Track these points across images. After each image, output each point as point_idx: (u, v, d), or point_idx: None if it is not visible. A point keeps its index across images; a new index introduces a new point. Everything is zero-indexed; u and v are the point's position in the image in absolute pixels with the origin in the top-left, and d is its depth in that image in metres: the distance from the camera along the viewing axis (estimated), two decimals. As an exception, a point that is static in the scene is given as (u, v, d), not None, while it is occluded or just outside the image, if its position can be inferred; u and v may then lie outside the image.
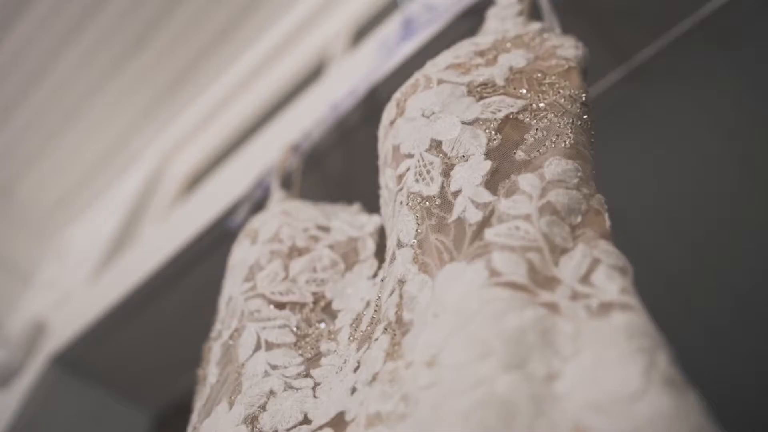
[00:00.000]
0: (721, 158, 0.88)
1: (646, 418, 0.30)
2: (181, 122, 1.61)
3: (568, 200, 0.44)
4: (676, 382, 0.32)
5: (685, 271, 0.99)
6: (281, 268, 0.60)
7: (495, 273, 0.40)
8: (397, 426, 0.38)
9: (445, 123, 0.52)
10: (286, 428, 0.48)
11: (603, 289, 0.38)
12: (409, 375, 0.40)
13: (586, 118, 0.51)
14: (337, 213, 0.68)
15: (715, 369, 1.02)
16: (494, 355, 0.35)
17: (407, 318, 0.44)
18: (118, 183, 1.64)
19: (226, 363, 0.57)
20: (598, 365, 0.34)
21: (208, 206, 1.09)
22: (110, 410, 1.18)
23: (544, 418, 0.32)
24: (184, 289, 1.14)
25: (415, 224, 0.48)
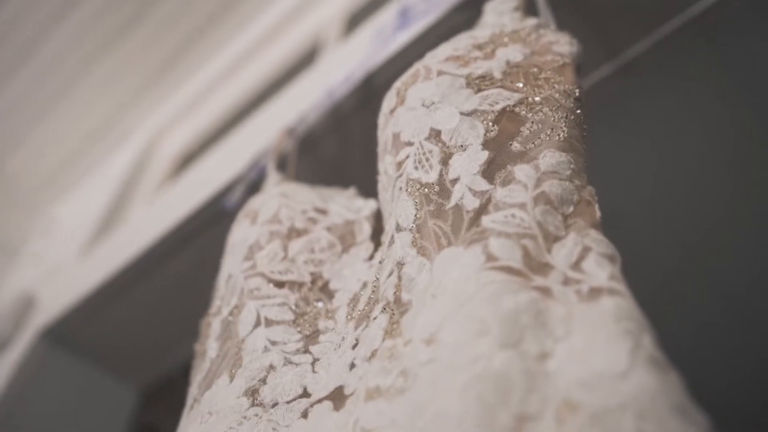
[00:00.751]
0: (708, 154, 0.91)
1: (631, 394, 0.33)
2: (172, 102, 1.61)
3: (562, 191, 0.47)
4: (659, 362, 0.35)
5: (671, 263, 1.01)
6: (280, 249, 0.62)
7: (492, 258, 0.43)
8: (396, 399, 0.41)
9: (444, 113, 0.54)
10: (286, 401, 0.50)
11: (593, 275, 0.41)
12: (408, 352, 0.42)
13: (579, 112, 0.53)
14: (334, 196, 0.70)
15: (702, 367, 1.05)
16: (491, 334, 0.38)
17: (406, 298, 0.47)
18: (108, 161, 1.65)
19: (226, 338, 0.59)
20: (588, 346, 0.36)
21: (202, 186, 1.10)
22: (97, 384, 1.20)
23: (536, 393, 0.35)
24: (173, 268, 1.16)
25: (414, 209, 0.51)
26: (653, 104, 0.87)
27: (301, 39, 1.42)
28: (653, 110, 0.88)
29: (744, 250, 0.99)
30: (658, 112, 0.88)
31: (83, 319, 1.19)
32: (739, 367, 1.09)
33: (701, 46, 0.81)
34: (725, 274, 1.02)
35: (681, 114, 0.88)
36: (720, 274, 1.02)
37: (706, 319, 1.07)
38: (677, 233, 0.99)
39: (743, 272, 1.00)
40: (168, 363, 1.26)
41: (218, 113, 1.51)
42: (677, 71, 0.83)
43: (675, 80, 0.84)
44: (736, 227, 0.97)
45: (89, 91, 1.60)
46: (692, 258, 1.01)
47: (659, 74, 0.83)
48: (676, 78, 0.84)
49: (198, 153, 1.44)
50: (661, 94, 0.86)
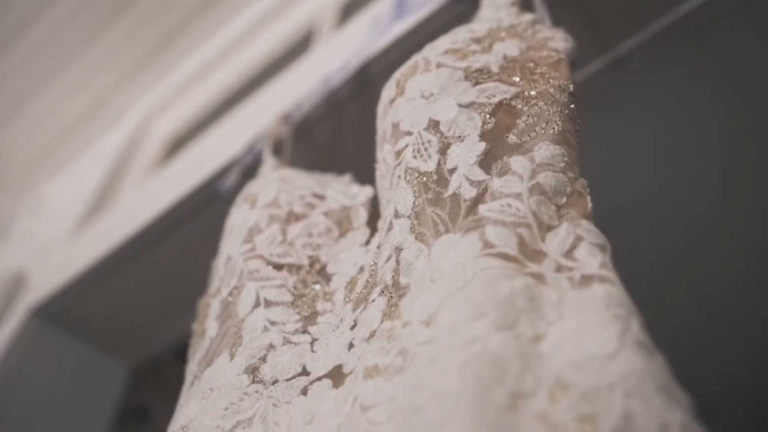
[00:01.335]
0: (695, 151, 0.93)
1: (619, 374, 0.35)
2: (164, 85, 1.62)
3: (555, 182, 0.49)
4: (646, 346, 0.37)
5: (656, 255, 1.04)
6: (279, 232, 0.64)
7: (488, 245, 0.45)
8: (395, 377, 0.43)
9: (443, 105, 0.56)
10: (286, 378, 0.52)
11: (584, 264, 0.43)
12: (407, 333, 0.44)
13: (573, 107, 0.55)
14: (330, 182, 0.72)
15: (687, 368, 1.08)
16: (488, 317, 0.40)
17: (404, 282, 0.49)
18: (99, 141, 1.65)
19: (226, 318, 0.61)
20: (579, 329, 0.38)
21: (195, 169, 1.11)
22: (88, 363, 1.21)
23: (530, 372, 0.37)
24: (164, 250, 1.17)
25: (413, 197, 0.53)
26: (642, 100, 0.89)
27: (296, 25, 1.43)
28: (642, 105, 0.90)
29: (730, 243, 1.01)
30: (646, 108, 0.90)
31: (74, 297, 1.20)
32: (722, 368, 1.12)
33: (690, 43, 0.84)
34: (710, 268, 1.04)
35: (669, 110, 0.91)
36: (705, 268, 1.05)
37: (690, 320, 1.10)
38: (663, 227, 1.01)
39: (728, 266, 1.03)
40: (158, 343, 1.28)
41: (211, 97, 1.52)
42: (667, 68, 0.86)
43: (664, 77, 0.87)
44: (723, 221, 0.99)
45: (82, 70, 1.60)
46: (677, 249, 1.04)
47: (649, 70, 0.86)
48: (666, 74, 0.86)
49: (190, 136, 1.45)
50: (651, 89, 0.88)
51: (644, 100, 0.90)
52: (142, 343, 1.27)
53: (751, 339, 1.12)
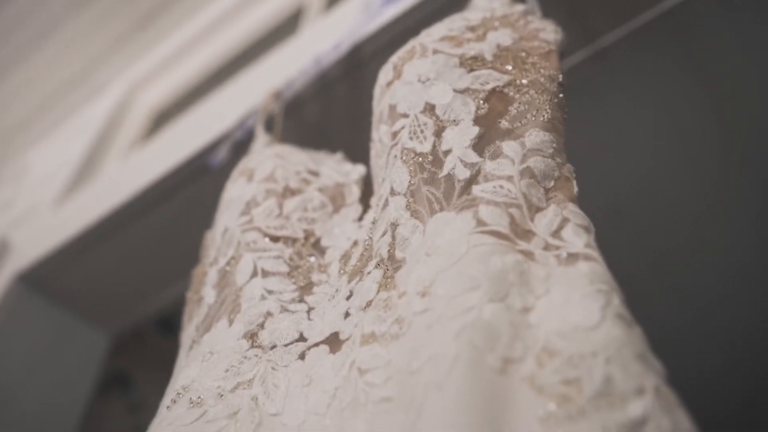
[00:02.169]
0: (673, 144, 0.97)
1: (601, 343, 0.38)
2: (151, 57, 1.62)
3: (544, 167, 0.52)
4: (625, 318, 0.40)
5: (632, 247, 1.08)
6: (276, 206, 0.66)
7: (481, 223, 0.48)
8: (391, 344, 0.46)
9: (438, 89, 0.59)
10: (284, 344, 0.55)
11: (571, 243, 0.46)
12: (403, 303, 0.47)
13: (562, 96, 0.59)
14: (324, 160, 0.74)
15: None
16: (481, 289, 0.43)
17: (399, 256, 0.52)
18: (83, 110, 1.65)
19: (224, 286, 0.63)
20: (565, 302, 0.42)
21: (183, 142, 1.13)
22: (72, 329, 1.23)
23: (520, 340, 0.41)
24: (148, 223, 1.18)
25: (408, 176, 0.55)
26: (623, 91, 0.93)
27: (285, 2, 1.45)
28: (623, 97, 0.94)
29: (711, 234, 1.05)
30: (627, 100, 0.94)
31: (59, 265, 1.21)
32: (701, 369, 1.17)
33: (672, 39, 0.87)
34: (691, 258, 1.08)
35: (649, 103, 0.94)
36: (686, 259, 1.09)
37: (672, 325, 1.14)
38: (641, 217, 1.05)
39: (710, 258, 1.07)
40: (139, 314, 1.30)
41: (197, 72, 1.53)
42: (648, 61, 0.89)
43: (645, 70, 0.90)
44: (703, 212, 1.03)
45: (67, 39, 1.60)
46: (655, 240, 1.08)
47: (631, 63, 0.89)
48: (647, 68, 0.90)
49: (177, 109, 1.46)
50: (632, 82, 0.92)
51: (625, 92, 0.93)
52: (124, 312, 1.29)
53: (732, 339, 1.18)
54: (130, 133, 1.50)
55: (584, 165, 0.58)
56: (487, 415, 0.37)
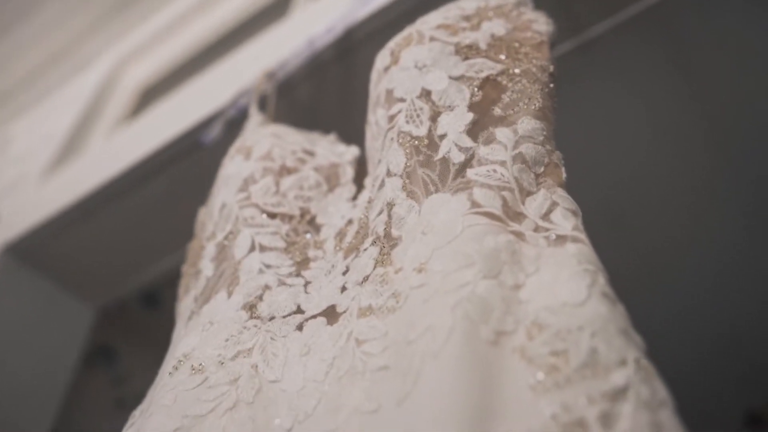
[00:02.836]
0: (653, 136, 1.00)
1: (587, 318, 0.41)
2: (138, 32, 1.62)
3: (535, 153, 0.55)
4: (610, 296, 0.43)
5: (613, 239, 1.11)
6: (273, 184, 0.68)
7: (476, 204, 0.51)
8: (388, 316, 0.49)
9: (435, 76, 0.61)
10: (282, 315, 0.58)
11: (559, 225, 0.49)
12: (399, 278, 0.50)
13: (552, 86, 0.61)
14: (318, 140, 0.76)
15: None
16: (475, 266, 0.46)
17: (396, 234, 0.54)
18: (69, 85, 1.65)
19: (222, 260, 0.65)
20: (554, 280, 0.45)
21: (173, 119, 1.14)
22: (58, 302, 1.24)
23: (511, 315, 0.43)
24: (135, 200, 1.20)
25: (405, 158, 0.58)
26: (607, 83, 0.96)
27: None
28: (606, 88, 0.97)
29: (692, 225, 1.09)
30: (611, 91, 0.97)
31: (46, 238, 1.22)
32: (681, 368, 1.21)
33: (657, 32, 0.90)
34: (671, 247, 1.12)
35: (632, 94, 0.97)
36: (666, 248, 1.12)
37: (656, 327, 1.18)
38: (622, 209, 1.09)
39: (691, 249, 1.11)
40: (125, 288, 1.31)
41: (185, 49, 1.53)
42: (633, 54, 0.92)
43: (630, 62, 0.93)
44: (682, 201, 1.06)
45: (53, 12, 1.59)
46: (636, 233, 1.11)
47: (616, 55, 0.92)
48: (631, 60, 0.93)
49: (164, 87, 1.47)
50: (616, 74, 0.95)
51: (610, 83, 0.96)
52: (110, 286, 1.30)
53: (716, 336, 1.22)
54: (117, 109, 1.51)
55: (566, 154, 0.60)
56: (480, 382, 0.40)
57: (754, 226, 1.10)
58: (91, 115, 1.50)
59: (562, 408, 0.38)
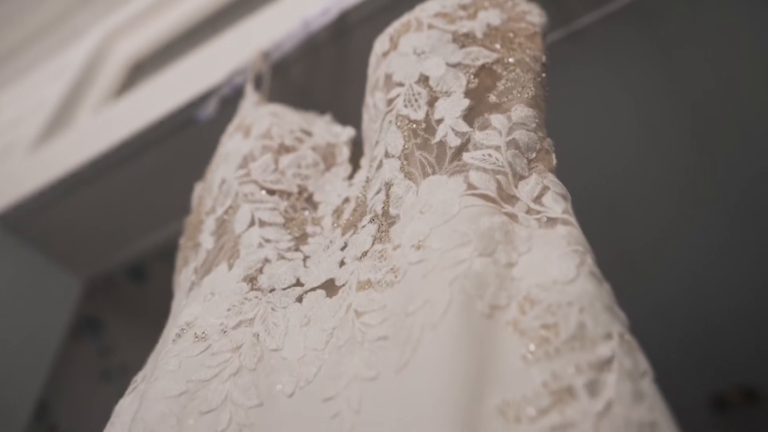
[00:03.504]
0: (635, 125, 1.04)
1: (576, 295, 0.44)
2: (130, 5, 1.62)
3: (528, 139, 0.58)
4: (597, 275, 0.47)
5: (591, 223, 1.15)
6: (272, 161, 0.71)
7: (472, 186, 0.53)
8: (386, 290, 0.51)
9: (433, 62, 0.64)
10: (282, 288, 0.60)
11: (550, 208, 0.52)
12: (398, 254, 0.53)
13: (544, 76, 0.64)
14: (314, 120, 0.78)
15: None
16: (472, 244, 0.48)
17: (394, 213, 0.57)
18: (58, 56, 1.65)
19: (222, 234, 0.68)
20: (545, 259, 0.48)
21: (165, 95, 1.15)
22: (46, 273, 1.25)
23: (505, 290, 0.46)
24: (126, 173, 1.21)
25: (403, 141, 0.61)
26: (594, 73, 0.99)
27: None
28: (593, 79, 1.00)
29: (674, 215, 1.12)
30: (597, 81, 1.00)
31: (34, 210, 1.23)
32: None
33: (645, 25, 0.93)
34: (653, 234, 1.16)
35: (617, 85, 1.00)
36: (648, 234, 1.16)
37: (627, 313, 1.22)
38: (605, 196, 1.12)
39: (670, 243, 1.14)
40: (112, 261, 1.33)
41: (177, 25, 1.54)
42: (620, 45, 0.95)
43: (617, 53, 0.96)
44: (664, 188, 1.10)
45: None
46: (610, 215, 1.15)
47: (604, 46, 0.95)
48: (618, 51, 0.96)
49: (154, 62, 1.48)
50: (603, 64, 0.98)
51: (596, 73, 0.99)
52: (98, 259, 1.31)
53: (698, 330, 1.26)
54: (107, 82, 1.51)
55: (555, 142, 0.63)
56: (477, 352, 0.43)
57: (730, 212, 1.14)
58: (81, 87, 1.50)
59: (552, 376, 0.41)
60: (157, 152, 1.18)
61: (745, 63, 0.95)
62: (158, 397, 0.53)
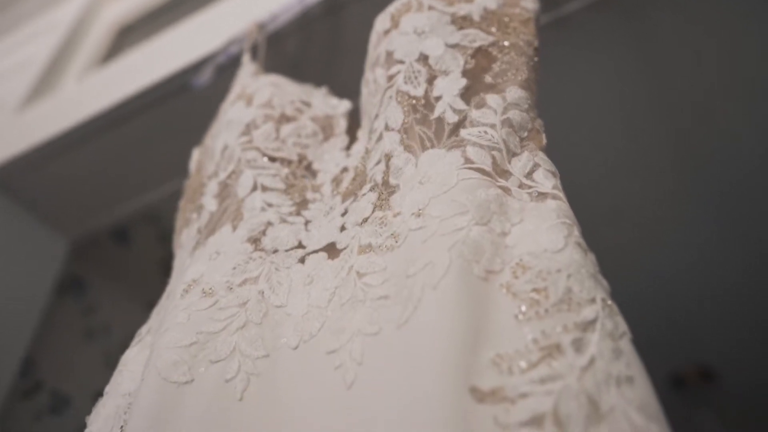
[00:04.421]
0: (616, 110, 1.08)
1: (564, 263, 0.49)
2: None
3: (521, 119, 0.62)
4: (583, 246, 0.51)
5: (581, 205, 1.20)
6: (273, 130, 0.74)
7: (469, 161, 0.57)
8: (387, 254, 0.55)
9: (432, 42, 0.67)
10: (285, 249, 0.64)
11: (541, 184, 0.56)
12: (398, 221, 0.57)
13: (536, 60, 0.68)
14: (312, 92, 0.82)
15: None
16: (469, 214, 0.53)
17: (393, 182, 0.61)
18: (46, 14, 1.64)
19: (225, 197, 0.71)
20: (535, 230, 0.52)
21: (157, 61, 1.17)
22: (33, 232, 1.27)
23: (499, 257, 0.51)
24: (112, 139, 1.23)
25: (402, 115, 0.64)
26: (578, 59, 1.03)
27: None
28: (578, 62, 1.04)
29: (658, 205, 1.17)
30: (579, 67, 1.04)
31: (23, 169, 1.25)
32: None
33: (621, 16, 0.97)
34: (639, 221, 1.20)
35: (597, 69, 1.05)
36: (635, 222, 1.20)
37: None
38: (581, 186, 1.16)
39: (659, 223, 1.19)
40: (97, 223, 1.35)
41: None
42: (600, 35, 0.99)
43: (597, 43, 1.00)
44: (648, 173, 1.15)
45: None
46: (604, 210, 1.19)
47: (587, 33, 0.99)
48: (599, 41, 1.00)
49: (143, 26, 1.49)
50: (586, 51, 1.02)
51: (578, 59, 1.03)
52: (83, 220, 1.33)
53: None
54: (94, 46, 1.52)
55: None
56: (473, 310, 0.47)
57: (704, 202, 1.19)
58: (68, 49, 1.50)
59: (541, 334, 0.45)
60: (142, 119, 1.21)
61: (726, 55, 1.00)
62: (170, 346, 0.56)
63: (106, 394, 0.61)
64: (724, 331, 1.73)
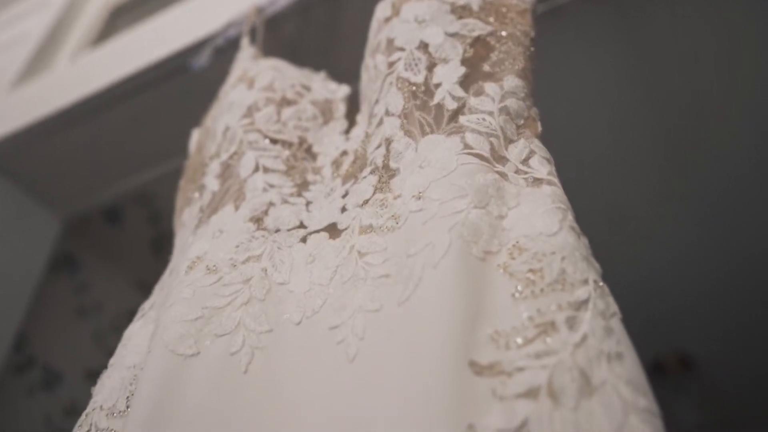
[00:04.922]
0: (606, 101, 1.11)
1: (559, 245, 0.51)
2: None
3: (517, 107, 0.64)
4: (576, 230, 0.53)
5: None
6: (275, 113, 0.76)
7: (467, 146, 0.60)
8: (387, 235, 0.57)
9: (432, 30, 0.69)
10: (287, 229, 0.66)
11: (536, 170, 0.59)
12: (398, 203, 0.59)
13: (533, 50, 0.70)
14: (312, 77, 0.83)
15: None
16: (468, 197, 0.55)
17: (394, 166, 0.63)
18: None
19: (227, 177, 0.73)
20: (531, 213, 0.54)
21: (153, 41, 1.18)
22: (27, 210, 1.28)
23: (496, 238, 0.53)
24: (105, 120, 1.24)
25: (403, 101, 0.66)
26: (571, 50, 1.05)
27: None
28: (570, 54, 1.06)
29: (649, 198, 1.19)
30: (573, 57, 1.06)
31: (16, 147, 1.26)
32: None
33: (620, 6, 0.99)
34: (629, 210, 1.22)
35: (589, 60, 1.07)
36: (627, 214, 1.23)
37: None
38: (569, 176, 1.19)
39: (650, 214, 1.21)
40: (90, 202, 1.36)
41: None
42: (597, 26, 1.01)
43: (593, 33, 1.02)
44: (638, 163, 1.17)
45: None
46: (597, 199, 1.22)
47: (581, 24, 1.01)
48: (594, 31, 1.02)
49: (134, 8, 1.49)
50: (580, 42, 1.04)
51: (571, 49, 1.05)
52: (76, 199, 1.34)
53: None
54: (88, 25, 1.52)
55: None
56: (472, 289, 0.49)
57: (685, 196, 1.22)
58: (62, 26, 1.51)
59: (537, 312, 0.47)
60: (136, 100, 1.22)
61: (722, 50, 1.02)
62: (176, 320, 0.58)
63: (110, 366, 0.62)
64: (704, 320, 1.77)
